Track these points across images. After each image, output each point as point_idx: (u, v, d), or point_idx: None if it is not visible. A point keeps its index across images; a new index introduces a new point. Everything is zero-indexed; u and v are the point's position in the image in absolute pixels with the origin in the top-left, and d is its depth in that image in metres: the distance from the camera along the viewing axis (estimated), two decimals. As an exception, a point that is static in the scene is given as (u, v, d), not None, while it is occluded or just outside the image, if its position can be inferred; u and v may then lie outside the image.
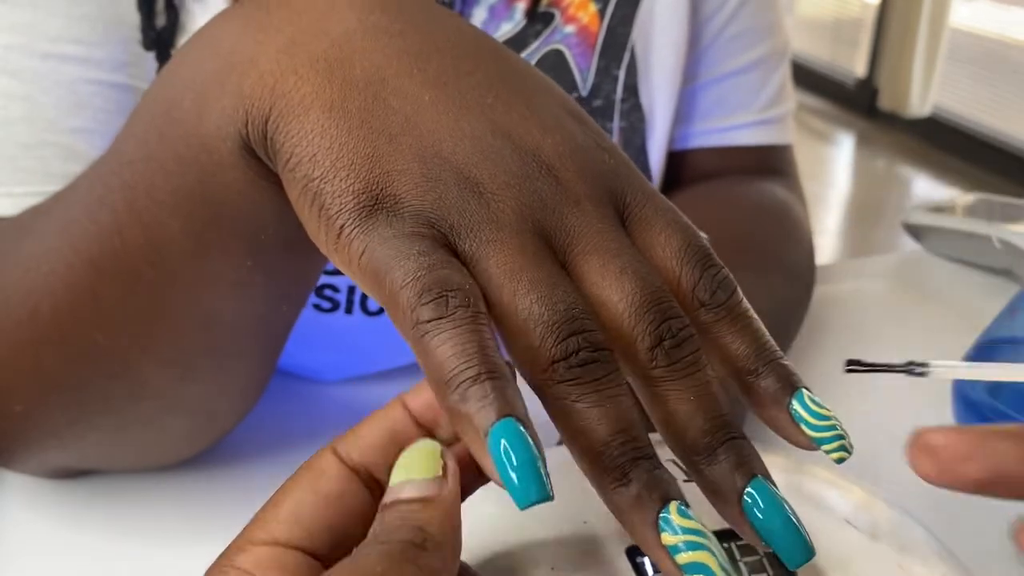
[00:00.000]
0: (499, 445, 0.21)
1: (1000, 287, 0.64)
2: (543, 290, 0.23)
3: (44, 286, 0.34)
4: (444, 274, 0.23)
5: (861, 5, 3.71)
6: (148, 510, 0.43)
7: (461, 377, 0.22)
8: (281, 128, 0.25)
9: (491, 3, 0.47)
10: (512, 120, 0.26)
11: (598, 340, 0.23)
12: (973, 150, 3.14)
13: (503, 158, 0.25)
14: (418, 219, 0.24)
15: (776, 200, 0.56)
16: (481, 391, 0.21)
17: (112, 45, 0.39)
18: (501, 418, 0.21)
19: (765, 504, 0.24)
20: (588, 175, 0.26)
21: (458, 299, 0.22)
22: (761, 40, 0.57)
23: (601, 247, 0.25)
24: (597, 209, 0.26)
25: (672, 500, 0.23)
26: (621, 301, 0.24)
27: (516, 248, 0.24)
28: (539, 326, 0.23)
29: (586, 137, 0.27)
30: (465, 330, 0.22)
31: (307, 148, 0.24)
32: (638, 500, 0.23)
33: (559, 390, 0.23)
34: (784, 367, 0.26)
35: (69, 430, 0.38)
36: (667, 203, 0.27)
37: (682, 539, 0.22)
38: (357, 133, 0.24)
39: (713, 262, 0.26)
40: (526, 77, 0.28)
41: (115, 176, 0.31)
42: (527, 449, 0.21)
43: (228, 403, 0.41)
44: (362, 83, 0.25)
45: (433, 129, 0.25)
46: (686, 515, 0.23)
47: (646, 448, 0.23)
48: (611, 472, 0.23)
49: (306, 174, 0.24)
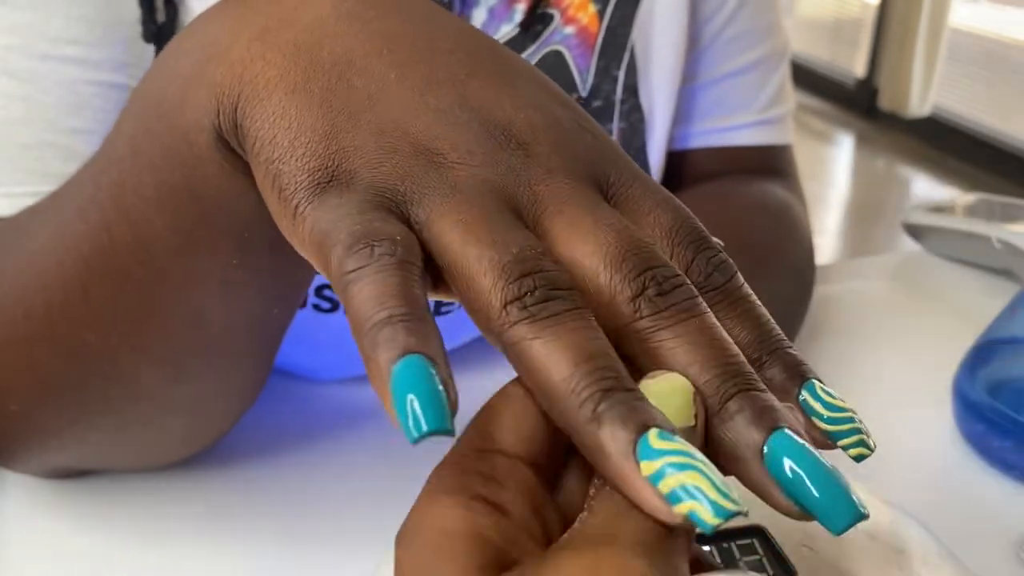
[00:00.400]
0: (398, 380, 0.19)
1: (1000, 287, 0.64)
2: (496, 236, 0.22)
3: (37, 284, 0.34)
4: (375, 226, 0.21)
5: (861, 5, 3.71)
6: (147, 510, 0.43)
7: (372, 321, 0.20)
8: (247, 113, 0.24)
9: (490, 4, 0.47)
10: (486, 96, 0.25)
11: (559, 279, 0.21)
12: (973, 150, 3.13)
13: (469, 129, 0.24)
14: (369, 190, 0.22)
15: (776, 200, 0.56)
16: (391, 332, 0.20)
17: (112, 46, 0.39)
18: (405, 355, 0.19)
19: (793, 457, 0.21)
20: (565, 151, 0.25)
21: (383, 247, 0.21)
22: (760, 40, 0.57)
23: (573, 203, 0.23)
24: (573, 182, 0.24)
25: (651, 427, 0.20)
26: (595, 253, 0.22)
27: (472, 205, 0.22)
28: (491, 270, 0.21)
29: (568, 119, 0.26)
30: (385, 275, 0.20)
31: (268, 131, 0.24)
32: (612, 435, 0.20)
33: (515, 332, 0.21)
34: (791, 355, 0.23)
35: (69, 430, 0.38)
36: (657, 185, 0.25)
37: (664, 462, 0.19)
38: (316, 112, 0.24)
39: (709, 244, 0.24)
40: (508, 60, 0.27)
41: (104, 174, 0.31)
42: (428, 381, 0.19)
43: (224, 403, 0.41)
44: (328, 64, 0.25)
45: (396, 104, 0.24)
46: (669, 437, 0.20)
47: (621, 379, 0.20)
48: (579, 409, 0.20)
49: (267, 156, 0.24)
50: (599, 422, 0.20)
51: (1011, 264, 0.64)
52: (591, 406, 0.20)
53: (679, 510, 0.19)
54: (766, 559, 0.31)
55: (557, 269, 0.22)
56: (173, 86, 0.28)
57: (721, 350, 0.22)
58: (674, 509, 0.19)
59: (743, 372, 0.22)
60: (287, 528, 0.42)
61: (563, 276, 0.22)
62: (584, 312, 0.21)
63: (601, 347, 0.21)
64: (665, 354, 0.22)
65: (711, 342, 0.22)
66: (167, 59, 0.29)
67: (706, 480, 0.19)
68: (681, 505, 0.19)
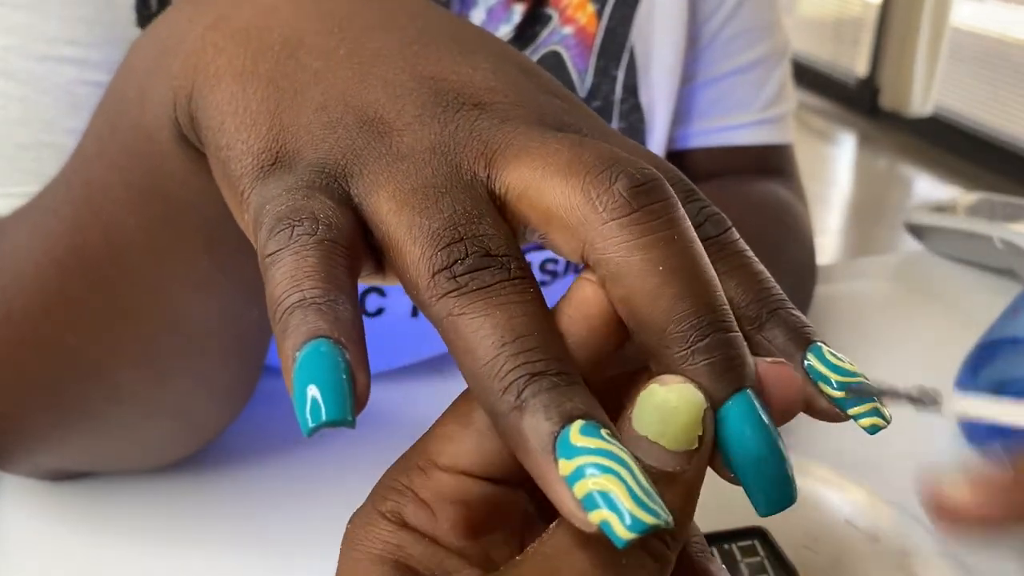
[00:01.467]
0: (301, 367, 0.17)
1: (1002, 287, 0.64)
2: (429, 201, 0.20)
3: (16, 285, 0.34)
4: (299, 204, 0.20)
5: (862, 4, 3.71)
6: (145, 511, 0.43)
7: (284, 305, 0.18)
8: (200, 103, 0.23)
9: (489, 5, 0.47)
10: (440, 66, 0.23)
11: (494, 246, 0.19)
12: (975, 149, 3.13)
13: (417, 96, 0.22)
14: (308, 169, 0.21)
15: (777, 200, 0.56)
16: (300, 316, 0.18)
17: (109, 47, 0.39)
18: (311, 339, 0.18)
19: (745, 424, 0.19)
20: (527, 105, 0.22)
21: (304, 227, 0.19)
22: (760, 39, 0.57)
23: (523, 135, 0.21)
24: (530, 127, 0.21)
25: (577, 419, 0.18)
26: (544, 167, 0.20)
27: (412, 173, 0.20)
28: (420, 237, 0.19)
29: (533, 85, 0.24)
30: (303, 256, 0.19)
31: (217, 118, 0.23)
32: (533, 426, 0.17)
33: (441, 306, 0.19)
34: (794, 316, 0.21)
35: (52, 433, 0.38)
36: (634, 141, 0.23)
37: (581, 461, 0.17)
38: (262, 93, 0.22)
39: (698, 195, 0.22)
40: (470, 33, 0.25)
41: (75, 174, 0.31)
42: (331, 369, 0.17)
43: (210, 407, 0.40)
44: (278, 46, 0.23)
45: (343, 78, 0.22)
46: (593, 433, 0.17)
47: (549, 361, 0.18)
48: (501, 395, 0.18)
49: (216, 144, 0.22)
50: (521, 410, 0.18)
51: (1013, 264, 0.64)
52: (514, 392, 0.18)
53: (593, 519, 0.17)
54: (767, 560, 0.31)
55: (495, 232, 0.20)
56: (134, 82, 0.27)
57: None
58: (589, 517, 0.17)
59: (721, 320, 0.19)
60: (287, 529, 0.42)
61: (499, 240, 0.19)
62: (520, 283, 0.19)
63: (533, 324, 0.18)
64: (631, 276, 0.19)
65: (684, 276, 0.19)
66: (131, 55, 0.29)
67: (623, 487, 0.17)
68: (594, 513, 0.17)
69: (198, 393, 0.39)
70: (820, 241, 1.29)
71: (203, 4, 0.26)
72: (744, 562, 0.31)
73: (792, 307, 0.21)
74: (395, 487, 0.20)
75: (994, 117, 3.13)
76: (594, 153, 0.20)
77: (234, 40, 0.24)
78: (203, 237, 0.29)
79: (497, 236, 0.20)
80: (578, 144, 0.20)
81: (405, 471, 0.20)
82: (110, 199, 0.30)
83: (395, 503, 0.20)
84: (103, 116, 0.30)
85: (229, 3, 0.25)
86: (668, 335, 0.19)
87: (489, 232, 0.19)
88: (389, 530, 0.20)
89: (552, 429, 0.17)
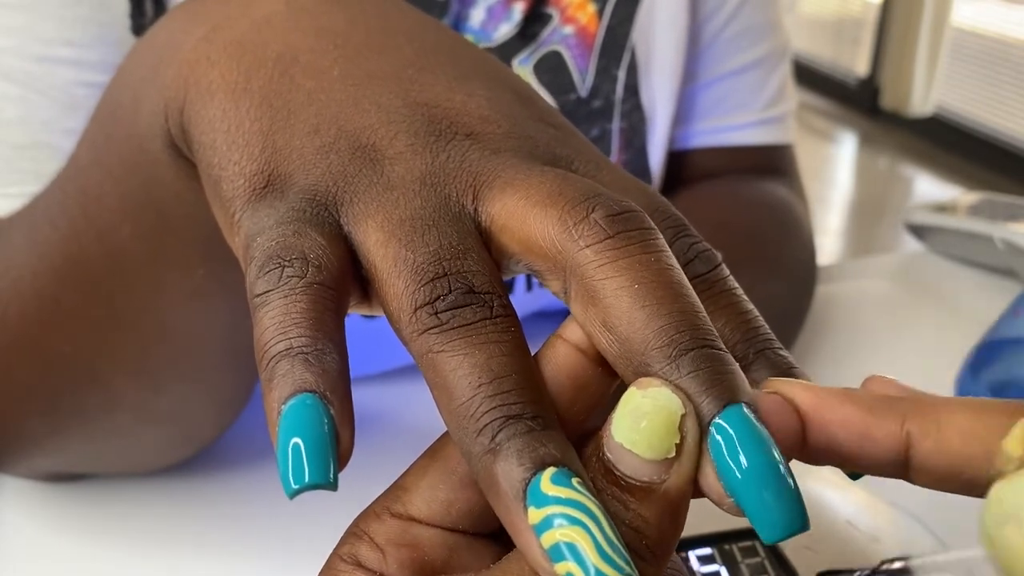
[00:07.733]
0: (285, 422, 0.17)
1: (1003, 287, 0.64)
2: (416, 234, 0.20)
3: (12, 292, 0.34)
4: (290, 242, 0.20)
5: (863, 4, 3.71)
6: (144, 513, 0.43)
7: (271, 353, 0.18)
8: (191, 117, 0.23)
9: (489, 4, 0.47)
10: (435, 91, 0.23)
11: (477, 282, 0.19)
12: (976, 149, 3.13)
13: (411, 124, 0.22)
14: (299, 196, 0.21)
15: (777, 199, 0.56)
16: (287, 366, 0.18)
17: (105, 47, 0.39)
18: (297, 393, 0.18)
19: (740, 439, 0.18)
20: (519, 135, 0.22)
21: (294, 268, 0.19)
22: (761, 39, 0.57)
23: (511, 168, 0.21)
24: (520, 159, 0.22)
25: (549, 466, 0.17)
26: (527, 199, 0.20)
27: (401, 204, 0.20)
28: (404, 271, 0.19)
29: (527, 114, 0.23)
30: (292, 300, 0.19)
31: (209, 135, 0.22)
32: (505, 472, 0.17)
33: (422, 343, 0.19)
34: (780, 355, 0.21)
35: (48, 438, 0.38)
36: (627, 172, 0.24)
37: (550, 511, 0.17)
38: (255, 112, 0.22)
39: (688, 231, 0.22)
40: (467, 56, 0.25)
41: (71, 181, 0.31)
42: (315, 426, 0.17)
43: (206, 414, 0.40)
44: (271, 62, 0.23)
45: (337, 100, 0.22)
46: (563, 482, 0.17)
47: (525, 404, 0.18)
48: (475, 438, 0.18)
49: (208, 162, 0.22)
50: (495, 454, 0.18)
51: (1014, 264, 0.64)
52: (488, 434, 0.18)
53: (559, 570, 0.17)
54: (767, 560, 0.31)
55: (479, 268, 0.19)
56: (128, 90, 0.27)
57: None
58: (555, 568, 0.17)
59: (705, 336, 0.19)
60: (284, 533, 0.42)
61: (484, 277, 0.19)
62: (502, 321, 0.19)
63: (512, 365, 0.18)
64: (608, 296, 0.19)
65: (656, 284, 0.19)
66: (127, 60, 0.28)
67: (590, 540, 0.17)
68: (560, 565, 0.17)
69: (194, 400, 0.39)
70: (820, 241, 1.29)
71: (198, 13, 0.26)
72: (744, 562, 0.31)
73: (780, 347, 0.21)
74: (355, 532, 0.21)
75: (995, 117, 3.13)
76: (575, 187, 0.20)
77: (227, 53, 0.23)
78: (199, 249, 0.29)
79: (482, 272, 0.19)
80: (562, 178, 0.21)
81: (365, 517, 0.21)
82: (105, 208, 0.30)
83: (351, 546, 0.21)
84: (98, 123, 0.30)
85: (224, 14, 0.25)
86: (649, 351, 0.18)
87: (473, 268, 0.19)
88: (345, 571, 0.20)
89: (524, 476, 0.17)
